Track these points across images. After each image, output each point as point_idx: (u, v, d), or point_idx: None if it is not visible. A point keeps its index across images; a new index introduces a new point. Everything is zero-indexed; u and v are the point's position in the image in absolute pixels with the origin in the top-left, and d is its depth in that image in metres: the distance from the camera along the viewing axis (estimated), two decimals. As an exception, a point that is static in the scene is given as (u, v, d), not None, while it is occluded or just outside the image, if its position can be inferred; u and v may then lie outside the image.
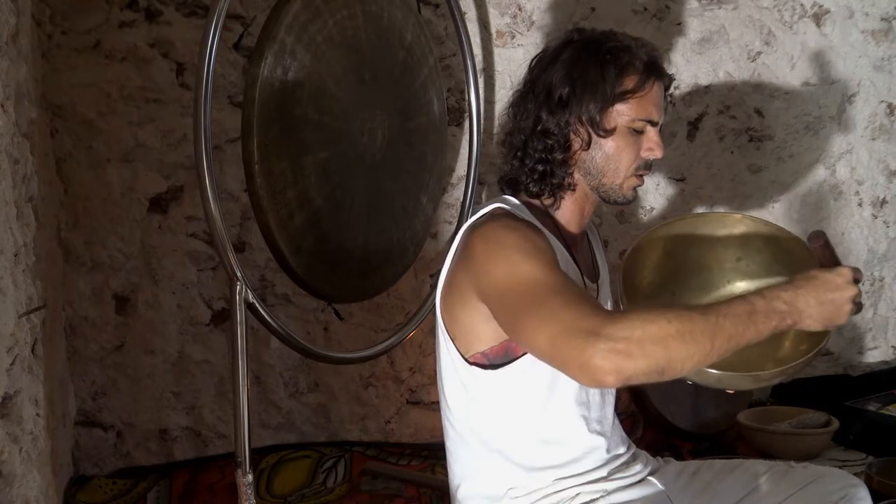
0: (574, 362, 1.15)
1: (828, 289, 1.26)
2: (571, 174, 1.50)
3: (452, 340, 1.46)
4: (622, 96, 1.45)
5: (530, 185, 1.51)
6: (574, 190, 1.52)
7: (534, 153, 1.49)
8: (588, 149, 1.48)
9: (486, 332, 1.39)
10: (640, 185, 1.52)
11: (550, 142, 1.48)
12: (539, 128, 1.49)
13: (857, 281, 1.30)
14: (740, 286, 1.66)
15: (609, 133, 1.46)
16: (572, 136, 1.48)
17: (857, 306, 1.30)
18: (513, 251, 1.31)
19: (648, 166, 1.51)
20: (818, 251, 1.36)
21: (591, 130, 1.46)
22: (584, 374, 1.15)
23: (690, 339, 1.15)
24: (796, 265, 1.61)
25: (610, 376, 1.13)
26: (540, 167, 1.49)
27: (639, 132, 1.47)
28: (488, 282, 1.33)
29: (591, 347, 1.13)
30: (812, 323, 1.26)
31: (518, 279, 1.28)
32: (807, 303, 1.25)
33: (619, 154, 1.47)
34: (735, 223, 1.67)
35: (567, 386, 1.44)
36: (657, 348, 1.14)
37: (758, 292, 1.25)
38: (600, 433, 1.51)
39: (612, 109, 1.45)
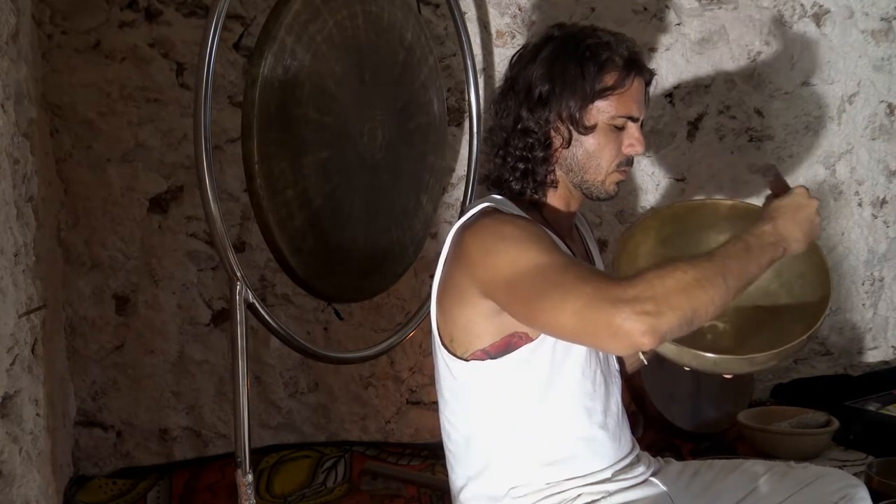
0: (605, 332, 1.18)
1: (797, 210, 1.37)
2: (553, 171, 1.50)
3: (449, 343, 1.45)
4: (602, 93, 1.44)
5: (512, 184, 1.51)
6: (556, 187, 1.52)
7: (515, 151, 1.49)
8: (569, 146, 1.47)
9: (487, 329, 1.39)
10: (622, 181, 1.52)
11: (531, 140, 1.48)
12: (519, 126, 1.48)
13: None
14: None
15: (589, 130, 1.46)
16: (553, 133, 1.48)
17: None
18: (511, 242, 1.32)
19: (630, 162, 1.51)
20: (771, 183, 1.47)
21: (571, 128, 1.46)
22: (617, 341, 1.18)
23: (708, 283, 1.20)
24: None
25: (645, 337, 1.15)
26: (521, 165, 1.49)
27: (619, 128, 1.47)
28: (493, 276, 1.33)
29: (619, 313, 1.16)
30: (798, 245, 1.35)
31: (524, 267, 1.28)
32: (787, 229, 1.34)
33: (600, 151, 1.47)
34: (727, 209, 1.67)
35: (569, 376, 1.44)
36: (681, 299, 1.18)
37: (741, 234, 1.32)
38: (603, 426, 1.49)
39: (591, 107, 1.45)
